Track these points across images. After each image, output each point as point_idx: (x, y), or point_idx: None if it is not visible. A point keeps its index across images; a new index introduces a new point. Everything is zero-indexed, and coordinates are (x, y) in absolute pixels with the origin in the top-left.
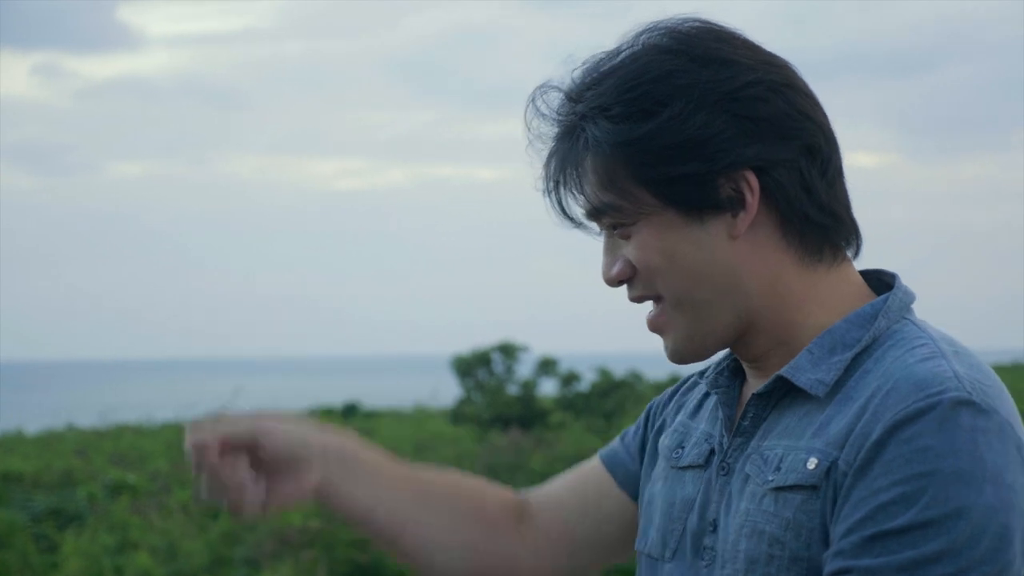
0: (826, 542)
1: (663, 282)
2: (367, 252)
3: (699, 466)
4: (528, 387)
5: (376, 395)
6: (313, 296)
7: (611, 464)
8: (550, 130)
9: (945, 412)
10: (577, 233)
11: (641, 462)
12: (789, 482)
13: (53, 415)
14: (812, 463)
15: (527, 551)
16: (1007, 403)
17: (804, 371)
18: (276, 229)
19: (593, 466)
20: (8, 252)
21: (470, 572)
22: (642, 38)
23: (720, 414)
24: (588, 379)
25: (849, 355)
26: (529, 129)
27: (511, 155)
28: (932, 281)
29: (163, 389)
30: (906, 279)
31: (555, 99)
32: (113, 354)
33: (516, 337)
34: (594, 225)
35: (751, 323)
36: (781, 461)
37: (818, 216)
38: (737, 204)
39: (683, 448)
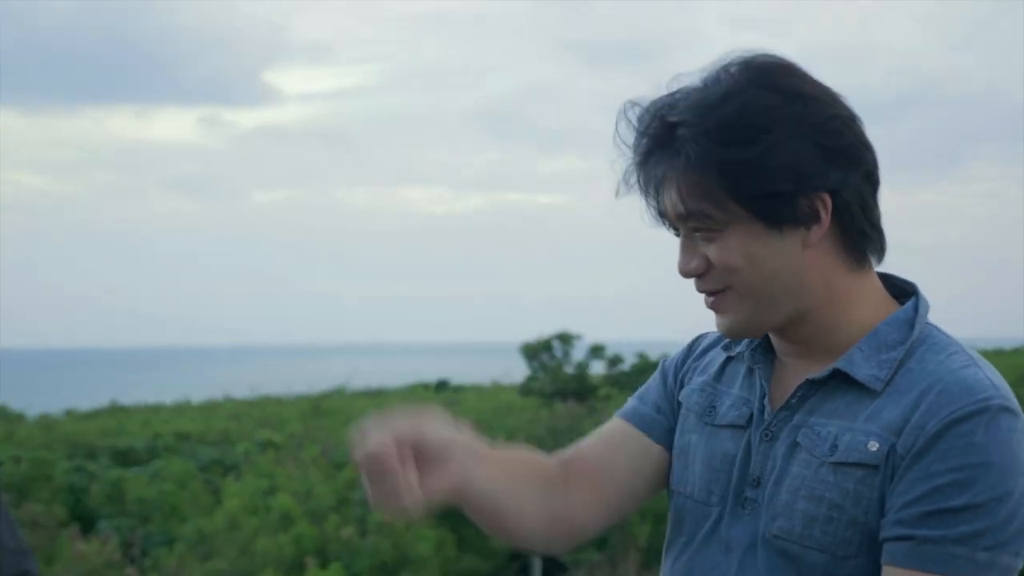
0: (881, 511)
1: (739, 279)
2: (450, 261)
3: (739, 427)
4: (581, 367)
5: (462, 374)
6: (409, 295)
7: (639, 422)
8: (642, 142)
9: (992, 415)
10: (622, 244)
11: (668, 415)
12: (851, 459)
13: (214, 389)
14: (874, 446)
15: (579, 506)
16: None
17: (860, 367)
18: (379, 242)
19: (620, 426)
20: (173, 260)
21: (545, 534)
22: (732, 71)
23: (758, 385)
24: (629, 361)
25: (896, 355)
26: (620, 138)
27: (565, 185)
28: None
29: (296, 368)
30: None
31: (647, 116)
32: (258, 340)
33: (572, 328)
34: (678, 225)
35: (803, 316)
36: (837, 439)
37: (870, 230)
38: (812, 219)
39: (715, 408)
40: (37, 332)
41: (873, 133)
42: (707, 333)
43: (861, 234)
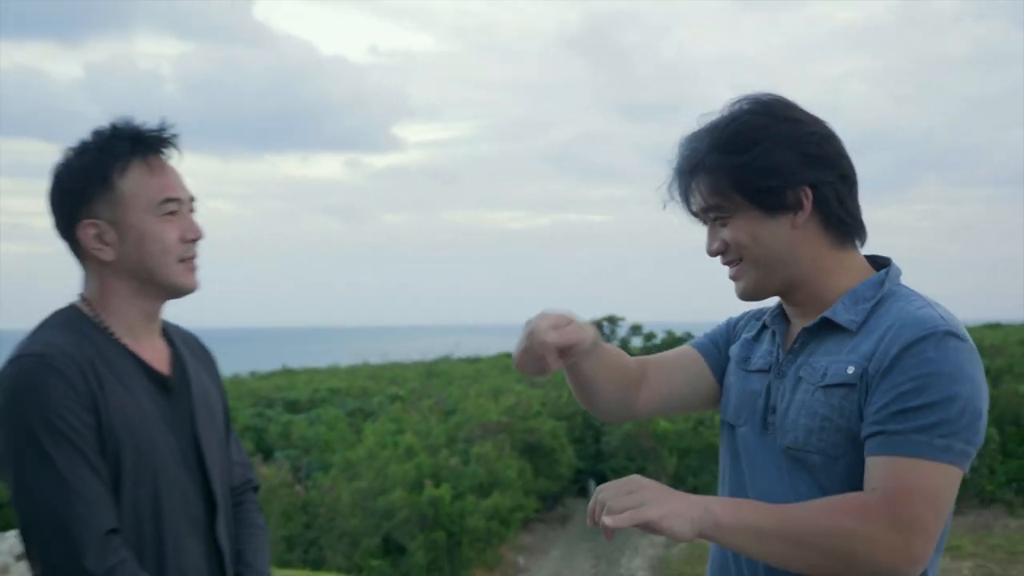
0: (860, 419)
1: (748, 253)
2: (524, 264)
3: (764, 371)
4: (624, 343)
5: None
6: (495, 288)
7: (703, 350)
8: (677, 162)
9: (940, 338)
10: (654, 249)
11: (724, 354)
12: (835, 382)
13: (356, 357)
14: (851, 369)
15: (642, 398)
16: (968, 336)
17: (840, 314)
18: (472, 250)
19: (688, 351)
20: (324, 263)
21: (613, 410)
22: (737, 106)
23: (776, 341)
24: (660, 336)
25: (870, 305)
26: (673, 162)
27: (609, 208)
28: None
29: (415, 342)
30: None
31: (681, 143)
32: (387, 321)
33: (616, 312)
34: (703, 217)
35: (798, 282)
36: (827, 370)
37: (846, 218)
38: (797, 207)
39: (749, 359)
40: (229, 314)
41: None
42: (752, 310)
43: (839, 220)
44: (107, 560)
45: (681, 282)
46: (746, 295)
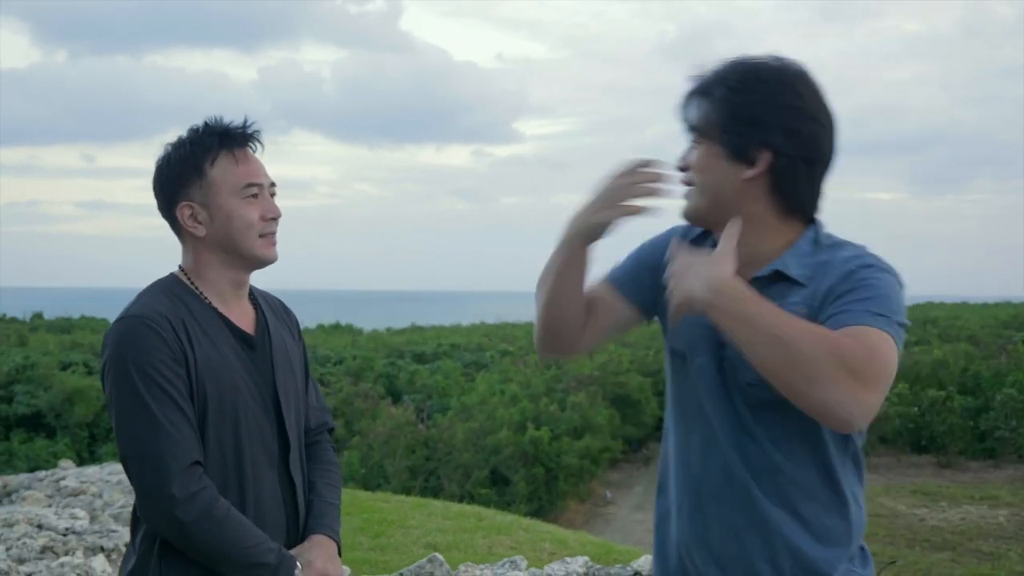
0: None
1: (699, 180)
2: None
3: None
4: None
5: None
6: (597, 256)
7: (624, 290)
8: (692, 86)
9: (868, 266)
10: None
11: (649, 280)
12: None
13: (474, 317)
14: (801, 310)
15: (588, 325)
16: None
17: (791, 268)
18: None
19: (609, 288)
20: (453, 237)
21: (566, 329)
22: (767, 59)
23: None
24: None
25: (811, 259)
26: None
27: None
28: (909, 243)
29: (525, 305)
30: (913, 245)
31: (701, 71)
32: (503, 287)
33: None
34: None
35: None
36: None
37: (793, 195)
38: (750, 163)
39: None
40: (370, 279)
41: (906, 162)
42: (677, 230)
43: (786, 193)
44: (190, 487)
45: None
46: (687, 216)
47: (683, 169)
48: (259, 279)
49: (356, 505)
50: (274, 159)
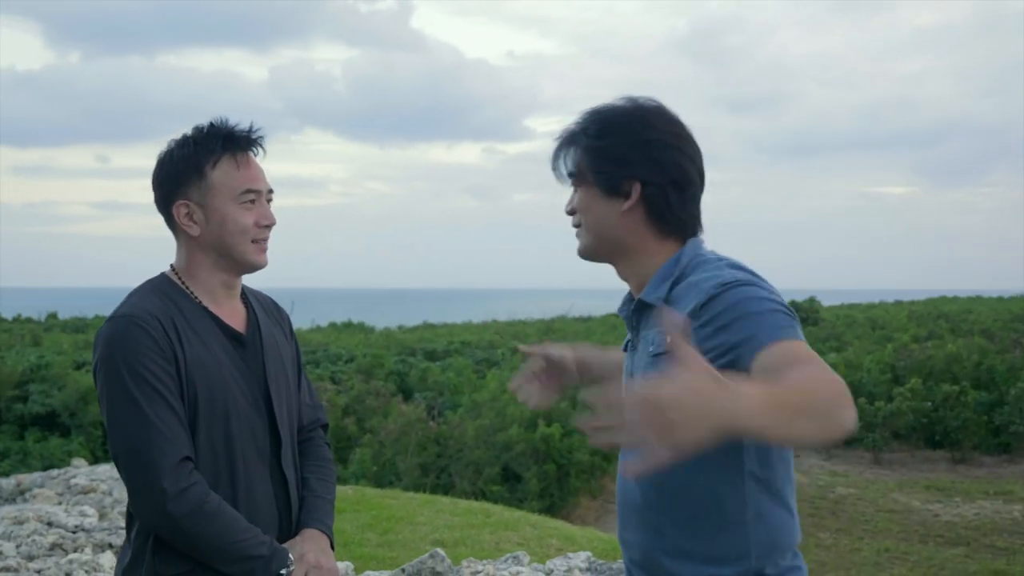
0: None
1: (584, 221)
2: None
3: (626, 350)
4: None
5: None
6: None
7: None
8: (559, 140)
9: (728, 288)
10: (747, 222)
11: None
12: (660, 351)
13: (485, 314)
14: (669, 339)
15: None
16: (754, 279)
17: (649, 295)
18: None
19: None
20: (463, 234)
21: None
22: (620, 101)
23: (628, 326)
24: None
25: (670, 282)
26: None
27: (712, 189)
28: (922, 237)
29: (535, 302)
30: (925, 240)
31: (573, 122)
32: (512, 284)
33: None
34: (567, 181)
35: (623, 258)
36: (652, 340)
37: (670, 217)
38: (625, 195)
39: (631, 365)
40: (380, 277)
41: (923, 154)
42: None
43: (662, 217)
44: (181, 482)
45: (779, 254)
46: (581, 254)
47: (571, 213)
48: (273, 278)
49: (365, 502)
50: (286, 158)
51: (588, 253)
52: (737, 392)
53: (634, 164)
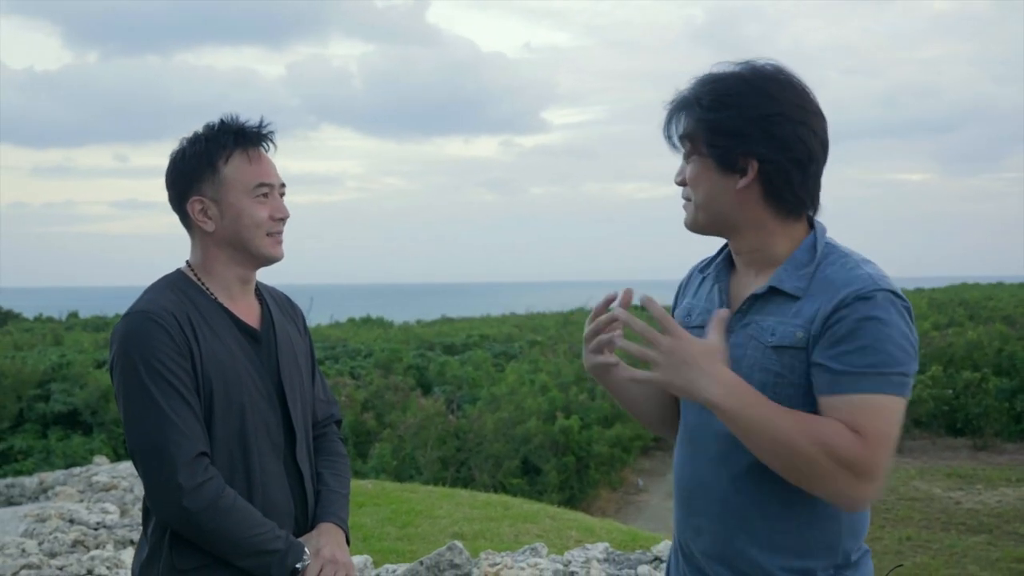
0: (808, 375)
1: (695, 194)
2: (649, 228)
3: (703, 327)
4: None
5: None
6: (623, 247)
7: None
8: (674, 104)
9: (870, 295)
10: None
11: None
12: (785, 344)
13: (503, 308)
14: (800, 334)
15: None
16: (898, 289)
17: (786, 283)
18: (605, 216)
19: None
20: (480, 228)
21: (665, 419)
22: (738, 67)
23: (717, 297)
24: None
25: (809, 270)
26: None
27: None
28: (941, 224)
29: (554, 295)
30: (945, 226)
31: (687, 86)
32: (531, 277)
33: None
34: (680, 150)
35: (738, 233)
36: (775, 330)
37: (789, 196)
38: (741, 172)
39: (691, 315)
40: (399, 272)
41: (941, 140)
42: (696, 266)
43: (781, 195)
44: (197, 477)
45: None
46: (689, 226)
47: (681, 184)
48: (291, 274)
49: (384, 496)
50: (303, 154)
51: (698, 228)
52: (712, 378)
53: (751, 140)
